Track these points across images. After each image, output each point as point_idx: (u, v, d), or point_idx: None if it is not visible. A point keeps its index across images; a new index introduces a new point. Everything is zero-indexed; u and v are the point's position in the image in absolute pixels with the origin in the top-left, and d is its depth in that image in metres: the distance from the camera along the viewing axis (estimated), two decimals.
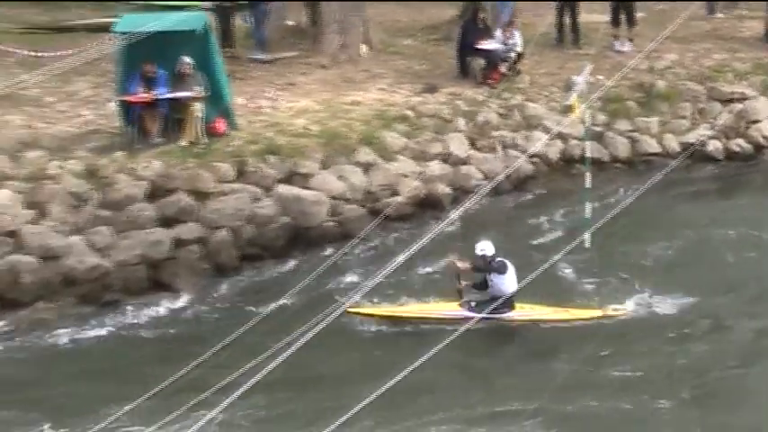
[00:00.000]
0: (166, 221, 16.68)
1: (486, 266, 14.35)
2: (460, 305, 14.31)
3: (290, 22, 24.83)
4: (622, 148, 20.39)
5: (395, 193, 18.41)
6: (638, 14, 23.26)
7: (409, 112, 20.39)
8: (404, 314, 14.75)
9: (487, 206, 18.32)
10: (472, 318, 13.63)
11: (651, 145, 20.58)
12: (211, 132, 18.21)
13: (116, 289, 16.05)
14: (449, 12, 24.76)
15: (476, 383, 13.43)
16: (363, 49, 23.51)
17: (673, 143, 20.69)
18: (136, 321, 15.60)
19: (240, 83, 21.19)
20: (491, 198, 18.22)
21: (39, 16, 25.63)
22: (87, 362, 14.73)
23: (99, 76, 21.07)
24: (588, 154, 18.18)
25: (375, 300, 15.48)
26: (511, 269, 14.30)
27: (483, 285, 14.42)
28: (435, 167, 19.19)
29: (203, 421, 10.30)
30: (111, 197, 16.77)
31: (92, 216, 16.64)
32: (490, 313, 14.08)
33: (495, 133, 20.26)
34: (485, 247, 14.38)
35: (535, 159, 19.92)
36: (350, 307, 14.03)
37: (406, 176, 18.77)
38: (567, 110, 20.55)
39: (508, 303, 14.53)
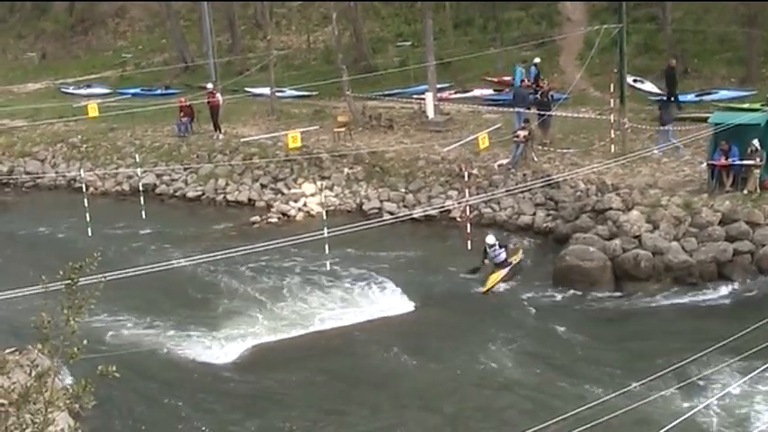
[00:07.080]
0: (730, 239, 21.48)
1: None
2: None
3: None
4: None
5: None
6: None
7: None
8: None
9: None
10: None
11: None
12: (763, 187, 22.59)
13: (695, 276, 21.19)
14: None
15: None
16: None
17: None
18: (706, 296, 20.81)
19: None
20: None
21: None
22: (674, 321, 19.73)
23: (696, 150, 25.50)
24: None
25: None
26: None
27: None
28: None
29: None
30: (697, 221, 21.85)
31: (685, 231, 21.82)
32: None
33: None
34: (488, 240, 22.21)
35: None
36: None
37: None
38: None
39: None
